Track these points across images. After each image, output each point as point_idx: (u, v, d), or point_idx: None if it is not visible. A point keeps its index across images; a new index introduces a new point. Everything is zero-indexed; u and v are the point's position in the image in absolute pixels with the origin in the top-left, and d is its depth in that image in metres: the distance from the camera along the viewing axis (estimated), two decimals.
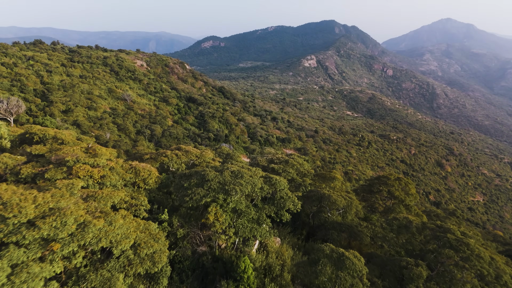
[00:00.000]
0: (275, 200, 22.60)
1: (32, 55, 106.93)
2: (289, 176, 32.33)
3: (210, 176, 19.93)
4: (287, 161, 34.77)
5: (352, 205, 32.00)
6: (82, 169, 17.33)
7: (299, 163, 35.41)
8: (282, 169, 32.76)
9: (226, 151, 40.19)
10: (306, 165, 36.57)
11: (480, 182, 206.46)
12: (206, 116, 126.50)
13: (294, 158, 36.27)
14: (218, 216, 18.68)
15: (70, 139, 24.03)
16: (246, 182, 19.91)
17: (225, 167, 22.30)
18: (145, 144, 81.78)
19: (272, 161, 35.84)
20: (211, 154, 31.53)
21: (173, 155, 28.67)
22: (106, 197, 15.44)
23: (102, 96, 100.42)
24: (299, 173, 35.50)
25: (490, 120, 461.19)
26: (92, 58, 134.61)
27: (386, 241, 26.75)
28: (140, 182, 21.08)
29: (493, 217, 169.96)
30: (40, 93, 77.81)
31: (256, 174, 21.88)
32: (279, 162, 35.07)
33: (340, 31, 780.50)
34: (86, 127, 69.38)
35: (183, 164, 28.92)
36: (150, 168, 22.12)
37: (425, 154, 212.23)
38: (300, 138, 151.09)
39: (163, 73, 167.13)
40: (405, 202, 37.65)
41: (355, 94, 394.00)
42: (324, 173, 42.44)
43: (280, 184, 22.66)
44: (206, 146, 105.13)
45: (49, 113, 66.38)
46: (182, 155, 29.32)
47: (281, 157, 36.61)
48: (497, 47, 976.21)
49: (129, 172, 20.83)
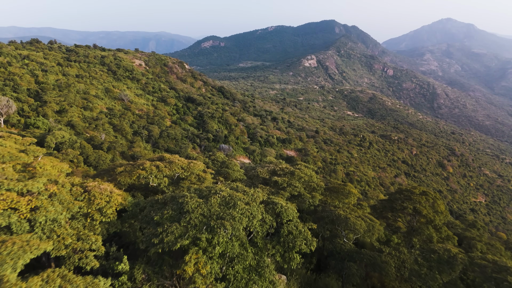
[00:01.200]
0: (280, 236, 17.35)
1: (27, 54, 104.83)
2: (295, 191, 28.29)
3: (190, 206, 15.11)
4: (292, 173, 30.26)
5: (374, 230, 27.12)
6: (1, 200, 12.60)
7: (307, 175, 30.85)
8: (287, 182, 28.62)
9: (222, 158, 35.37)
10: (315, 177, 32.00)
11: (482, 183, 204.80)
12: (205, 117, 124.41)
13: (301, 168, 31.53)
14: (200, 267, 13.70)
15: (5, 152, 18.95)
16: (241, 214, 15.14)
17: (213, 190, 17.03)
18: (142, 145, 79.68)
19: (275, 173, 31.28)
20: (201, 165, 26.86)
21: (152, 167, 23.76)
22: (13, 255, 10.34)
23: (99, 96, 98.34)
24: (307, 187, 31.09)
25: (491, 120, 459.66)
26: (90, 58, 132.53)
27: (421, 279, 21.64)
28: (95, 212, 15.82)
29: (495, 218, 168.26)
30: (34, 93, 75.72)
31: (255, 200, 17.08)
32: (283, 174, 30.56)
33: (340, 31, 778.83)
34: (81, 128, 67.31)
35: (166, 178, 24.58)
36: (112, 191, 17.32)
37: (426, 155, 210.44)
38: (301, 138, 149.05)
39: (162, 72, 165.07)
40: (434, 222, 32.25)
41: (355, 94, 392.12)
42: (337, 186, 36.55)
43: (287, 214, 17.68)
44: (204, 147, 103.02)
45: (42, 113, 64.30)
46: (165, 167, 24.71)
47: (286, 168, 31.88)
48: (498, 47, 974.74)
49: (80, 199, 15.91)
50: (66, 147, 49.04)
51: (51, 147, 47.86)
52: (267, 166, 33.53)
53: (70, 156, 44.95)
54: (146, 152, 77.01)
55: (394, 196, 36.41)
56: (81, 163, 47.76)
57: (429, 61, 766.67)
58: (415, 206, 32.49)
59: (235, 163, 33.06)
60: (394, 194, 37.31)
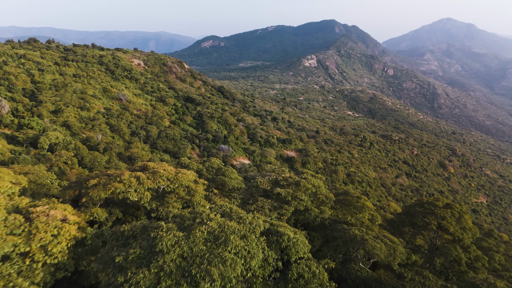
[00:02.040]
0: (288, 281, 12.99)
1: (24, 53, 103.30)
2: (301, 206, 25.04)
3: (165, 243, 11.05)
4: (297, 183, 26.79)
5: (396, 254, 23.01)
6: None
7: (314, 186, 27.32)
8: (292, 195, 25.34)
9: (217, 165, 30.46)
10: (323, 188, 28.44)
11: (483, 183, 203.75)
12: (205, 117, 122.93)
13: (307, 178, 28.00)
14: None
15: None
16: (234, 253, 11.36)
17: (199, 218, 12.90)
18: (140, 146, 78.23)
19: (277, 183, 27.62)
20: (191, 174, 23.71)
21: (132, 179, 20.47)
22: None
23: (96, 95, 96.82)
24: (314, 200, 27.47)
25: (492, 120, 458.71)
26: (88, 57, 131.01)
27: None
28: (37, 251, 11.59)
29: (497, 219, 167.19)
30: (29, 92, 74.21)
31: (254, 231, 13.02)
32: (287, 185, 26.97)
33: (340, 30, 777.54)
34: (77, 128, 65.81)
35: (148, 192, 21.10)
36: (65, 218, 13.19)
37: (427, 155, 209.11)
38: (301, 139, 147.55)
39: (161, 72, 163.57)
40: (463, 241, 28.03)
41: (356, 94, 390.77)
42: (349, 198, 31.71)
43: (296, 249, 13.69)
44: (204, 148, 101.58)
45: (37, 113, 62.78)
46: (147, 178, 21.35)
47: (289, 177, 28.23)
48: (498, 47, 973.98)
49: (18, 232, 11.65)
50: (60, 148, 47.57)
51: (45, 148, 46.45)
52: (269, 174, 30.43)
53: (63, 158, 43.50)
54: (144, 153, 75.57)
55: (414, 209, 31.70)
56: (75, 165, 46.31)
57: (429, 61, 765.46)
58: (440, 222, 28.14)
59: (232, 170, 29.22)
60: (413, 207, 32.67)
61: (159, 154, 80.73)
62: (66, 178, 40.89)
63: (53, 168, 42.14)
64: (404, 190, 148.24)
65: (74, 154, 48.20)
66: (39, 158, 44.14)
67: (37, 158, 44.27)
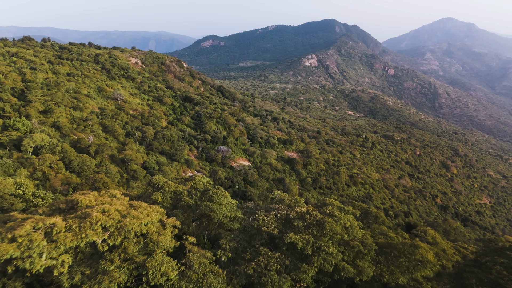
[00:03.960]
0: None
1: (16, 51, 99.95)
2: (328, 265, 16.74)
3: None
4: (320, 224, 18.13)
5: None
6: None
7: (346, 227, 19.03)
8: (313, 245, 17.19)
9: (203, 185, 22.05)
10: (358, 229, 19.66)
11: (486, 184, 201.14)
12: (203, 117, 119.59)
13: (334, 214, 19.17)
14: None
15: None
16: None
17: None
18: (135, 147, 74.88)
19: (289, 223, 18.85)
20: (153, 213, 15.46)
21: (35, 234, 12.17)
22: None
23: (91, 95, 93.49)
24: (346, 249, 18.80)
25: (493, 120, 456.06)
26: (83, 56, 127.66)
27: None
28: None
29: (501, 220, 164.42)
30: (19, 91, 70.87)
31: None
32: (305, 226, 18.21)
33: (340, 30, 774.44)
34: (67, 129, 62.43)
35: (67, 256, 12.95)
36: None
37: (430, 155, 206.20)
38: (302, 139, 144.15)
39: (159, 71, 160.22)
40: None
41: (356, 93, 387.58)
42: (397, 246, 21.57)
43: None
44: (202, 149, 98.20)
45: (25, 114, 59.45)
46: (67, 230, 13.08)
47: (307, 213, 19.14)
48: (498, 46, 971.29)
49: None
50: (45, 151, 44.27)
51: (29, 151, 43.18)
52: (276, 208, 20.89)
53: (48, 162, 40.20)
54: (139, 155, 72.28)
55: (491, 258, 22.64)
56: (61, 169, 43.01)
57: (430, 60, 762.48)
58: None
59: (222, 193, 20.90)
60: (489, 254, 23.72)
61: (155, 156, 77.39)
62: (50, 184, 37.53)
63: (36, 173, 38.78)
64: (407, 191, 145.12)
65: (61, 158, 44.89)
66: (22, 162, 40.85)
67: (20, 162, 40.96)
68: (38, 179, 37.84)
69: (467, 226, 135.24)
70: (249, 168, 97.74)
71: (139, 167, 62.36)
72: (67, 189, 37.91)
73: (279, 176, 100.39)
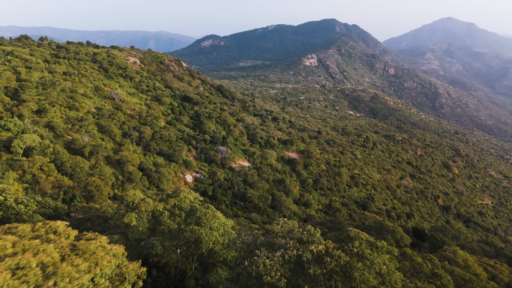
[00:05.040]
0: None
1: (11, 50, 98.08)
2: None
3: None
4: (346, 271, 12.40)
5: None
6: None
7: (381, 274, 13.35)
8: None
9: (189, 204, 18.20)
10: (396, 276, 13.68)
11: (488, 184, 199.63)
12: (202, 117, 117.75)
13: (364, 256, 13.40)
14: None
15: None
16: None
17: None
18: (132, 148, 73.04)
19: (301, 268, 13.08)
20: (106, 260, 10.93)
21: None
22: None
23: (87, 94, 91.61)
24: None
25: (494, 120, 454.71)
26: (80, 54, 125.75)
27: None
28: None
29: (503, 221, 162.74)
30: (12, 91, 69.06)
31: None
32: (324, 275, 12.23)
33: (341, 29, 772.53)
34: (62, 130, 60.59)
35: None
36: None
37: (431, 155, 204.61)
38: (303, 139, 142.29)
39: (158, 70, 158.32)
40: None
41: (357, 93, 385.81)
42: None
43: None
44: (201, 149, 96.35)
45: (18, 113, 57.64)
46: None
47: (325, 254, 13.38)
48: (499, 46, 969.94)
49: None
50: (36, 152, 42.44)
51: (19, 153, 41.37)
52: (282, 244, 14.54)
53: (38, 164, 38.38)
54: (136, 156, 70.47)
55: None
56: (53, 172, 41.20)
57: (430, 60, 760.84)
58: None
59: (213, 213, 16.84)
60: None
61: (152, 156, 75.57)
62: (39, 187, 35.68)
63: (25, 175, 36.94)
64: (409, 192, 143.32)
65: (53, 159, 43.07)
66: (11, 164, 39.00)
67: (9, 164, 39.11)
68: (27, 182, 36.01)
69: (469, 227, 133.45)
70: (249, 169, 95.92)
71: (135, 169, 60.53)
72: (57, 193, 36.09)
73: (279, 177, 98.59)
